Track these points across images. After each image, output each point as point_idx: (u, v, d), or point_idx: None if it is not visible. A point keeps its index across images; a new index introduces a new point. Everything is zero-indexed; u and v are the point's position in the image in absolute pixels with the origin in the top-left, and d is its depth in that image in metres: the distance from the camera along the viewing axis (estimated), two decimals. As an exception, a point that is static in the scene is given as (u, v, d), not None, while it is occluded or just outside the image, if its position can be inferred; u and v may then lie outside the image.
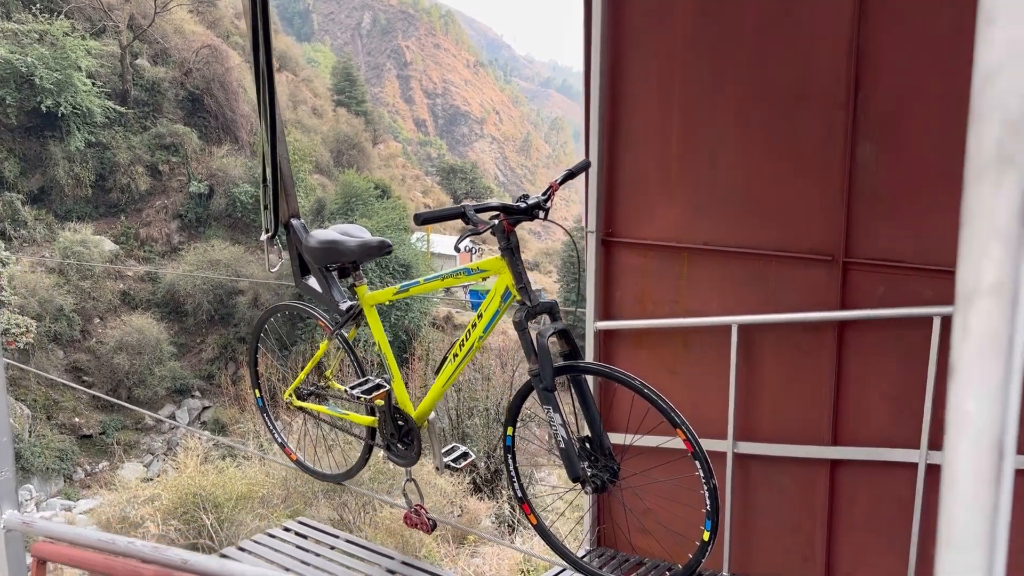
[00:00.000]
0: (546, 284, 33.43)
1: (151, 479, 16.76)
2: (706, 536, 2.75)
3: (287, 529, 4.05)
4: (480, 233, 2.57)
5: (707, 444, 4.34)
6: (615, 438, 4.53)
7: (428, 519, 3.51)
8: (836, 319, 3.84)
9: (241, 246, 31.43)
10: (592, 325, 4.46)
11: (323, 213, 31.13)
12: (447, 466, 3.39)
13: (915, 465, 3.70)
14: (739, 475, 4.23)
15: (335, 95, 41.49)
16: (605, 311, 4.51)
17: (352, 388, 3.23)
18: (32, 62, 30.21)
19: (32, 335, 26.39)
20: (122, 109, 32.67)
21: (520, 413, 3.06)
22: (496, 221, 2.64)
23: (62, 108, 30.53)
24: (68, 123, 31.13)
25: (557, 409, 2.77)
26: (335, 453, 3.86)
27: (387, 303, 3.30)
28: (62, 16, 31.79)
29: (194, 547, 12.94)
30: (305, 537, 3.95)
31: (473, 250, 36.14)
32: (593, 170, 4.30)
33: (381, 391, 3.22)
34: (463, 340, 3.05)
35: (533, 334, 2.78)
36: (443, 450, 3.41)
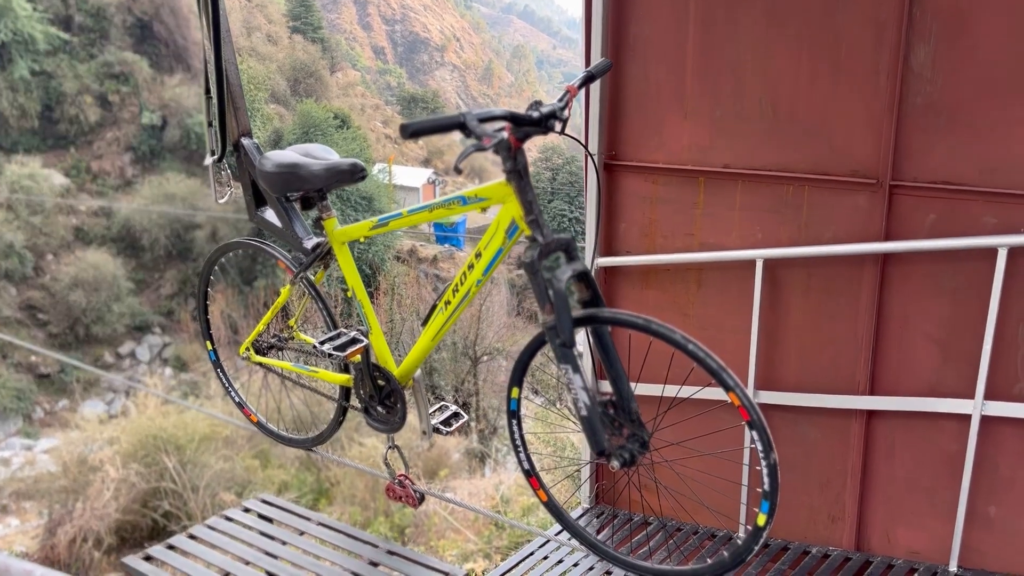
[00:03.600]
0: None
1: (109, 419, 16.18)
2: (761, 520, 2.27)
3: (247, 510, 3.52)
4: (486, 149, 2.00)
5: (724, 394, 3.89)
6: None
7: (414, 491, 3.01)
8: (879, 251, 3.34)
9: (197, 178, 30.40)
10: (592, 262, 3.93)
11: (280, 144, 30.02)
12: (435, 429, 2.88)
13: (967, 417, 3.26)
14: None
15: (290, 21, 39.70)
16: (607, 246, 3.98)
17: (322, 343, 2.67)
18: (-30, -13, 28.57)
19: (-18, 272, 25.51)
20: (66, 36, 31.13)
21: (528, 371, 2.54)
22: (501, 135, 2.07)
23: (2, 35, 29.00)
24: (9, 51, 29.62)
25: (577, 369, 2.24)
26: (303, 413, 3.32)
27: (361, 240, 2.73)
28: (-3, -63, 29.94)
29: (156, 491, 12.49)
30: (270, 520, 3.42)
31: (436, 182, 35.27)
32: (595, 86, 3.72)
33: (357, 347, 2.68)
34: (457, 285, 2.50)
35: (547, 277, 2.24)
36: (430, 411, 2.90)
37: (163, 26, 32.60)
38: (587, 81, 2.40)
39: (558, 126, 2.23)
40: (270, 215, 2.87)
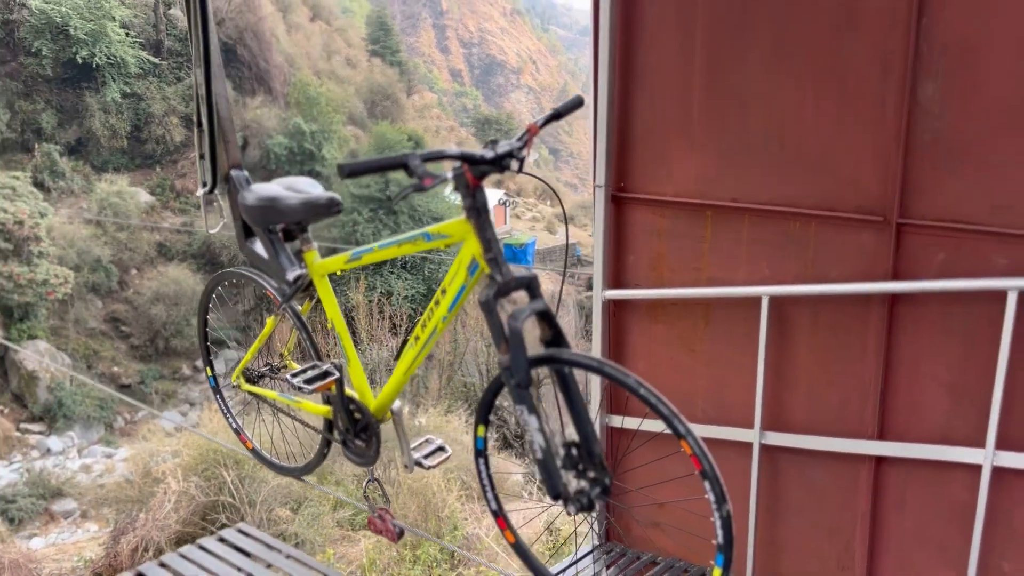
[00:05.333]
0: (583, 239, 32.66)
1: (172, 434, 16.60)
2: (717, 574, 2.20)
3: (222, 540, 3.55)
4: (425, 189, 2.00)
5: (731, 433, 3.78)
6: (624, 422, 3.99)
7: (394, 525, 3.00)
8: (887, 291, 3.22)
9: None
10: (600, 294, 3.88)
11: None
12: (417, 463, 2.87)
13: (978, 467, 3.09)
14: (767, 469, 3.67)
15: (369, 45, 40.64)
16: (615, 278, 3.92)
17: (294, 375, 2.70)
18: (67, 12, 30.13)
19: (70, 286, 26.58)
20: (156, 60, 32.50)
21: (492, 410, 2.52)
22: (449, 174, 2.06)
23: (97, 59, 30.47)
24: (103, 74, 31.08)
25: (533, 410, 2.21)
26: (294, 443, 3.35)
27: (338, 273, 2.75)
28: (95, -34, 31.52)
29: (214, 505, 12.75)
30: (247, 554, 3.43)
31: (508, 204, 35.41)
32: (602, 114, 3.69)
33: (327, 380, 2.69)
34: (425, 321, 2.50)
35: (504, 316, 2.22)
36: (413, 445, 2.89)
37: (246, 50, 33.69)
38: (552, 119, 2.38)
39: (515, 165, 2.21)
40: (258, 246, 2.92)
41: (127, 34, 31.40)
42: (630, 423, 3.93)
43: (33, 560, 15.32)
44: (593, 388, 4.04)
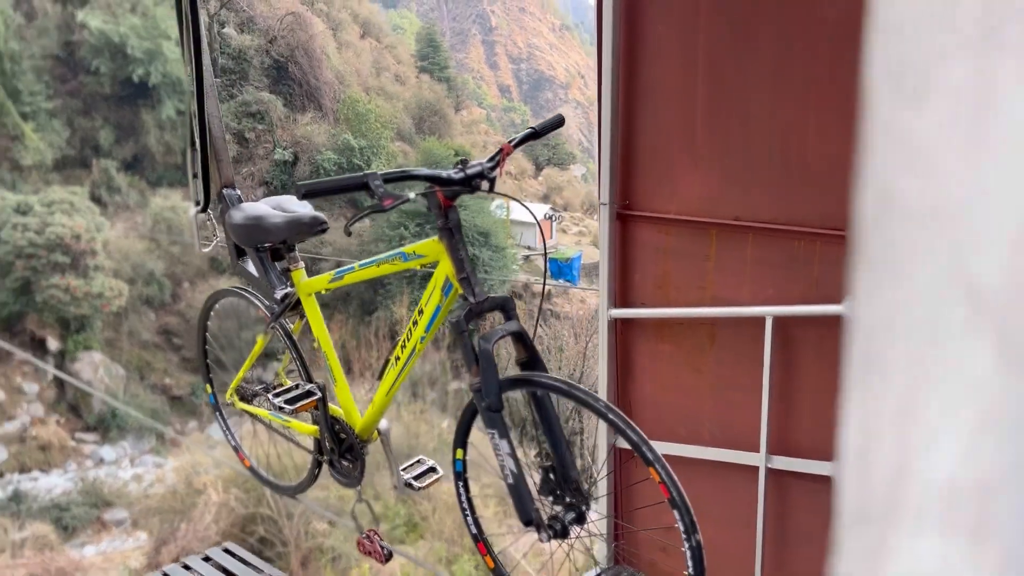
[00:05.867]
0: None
1: (213, 447, 16.89)
2: (688, 611, 2.13)
3: (207, 559, 3.57)
4: (385, 210, 1.98)
5: (737, 456, 3.69)
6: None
7: (381, 547, 2.98)
8: (893, 313, 3.11)
9: (324, 212, 31.47)
10: (605, 313, 3.83)
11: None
12: (407, 484, 2.84)
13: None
14: (774, 494, 3.56)
15: (418, 61, 41.07)
16: (621, 297, 3.86)
17: (276, 395, 2.71)
18: (125, 32, 31.02)
19: (125, 299, 27.20)
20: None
21: (471, 433, 2.48)
22: (412, 195, 2.05)
23: (153, 77, 31.25)
24: (159, 92, 31.85)
25: (504, 435, 2.17)
26: (289, 460, 3.36)
27: (323, 291, 2.75)
28: (153, -15, 32.46)
29: (253, 517, 12.92)
30: (226, 571, 3.43)
31: (554, 217, 35.35)
32: (606, 131, 3.64)
33: (307, 401, 2.69)
34: (404, 341, 2.48)
35: (477, 338, 2.19)
36: (402, 466, 2.87)
37: (297, 67, 34.29)
38: (528, 138, 2.36)
39: (485, 185, 2.19)
40: (249, 265, 2.94)
41: (182, 53, 32.25)
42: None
43: (80, 568, 15.69)
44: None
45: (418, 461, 2.94)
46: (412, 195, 2.04)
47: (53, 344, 28.36)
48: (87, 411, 26.78)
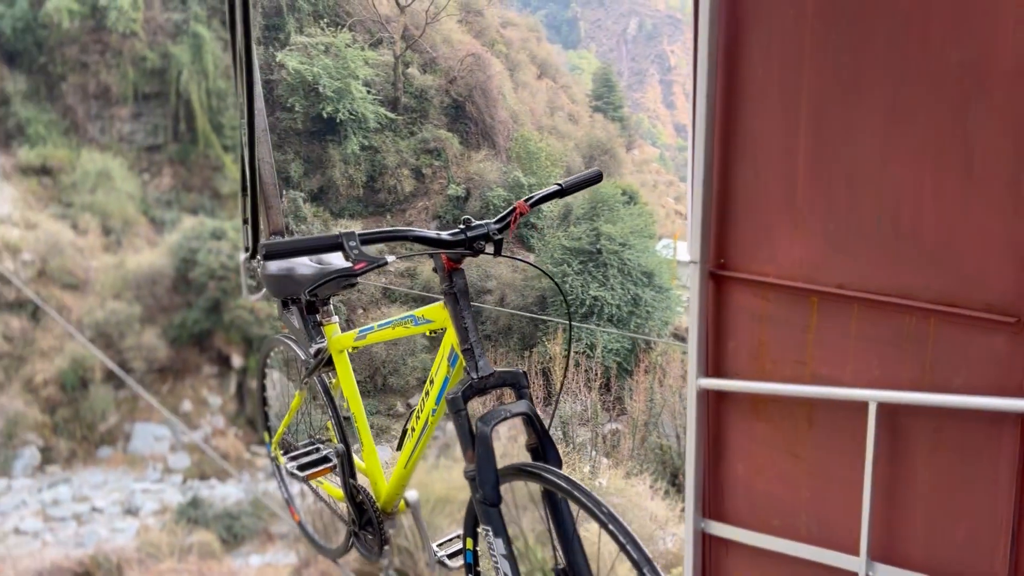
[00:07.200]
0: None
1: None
2: None
3: None
4: (356, 275, 1.80)
5: (834, 558, 3.22)
6: (721, 530, 3.54)
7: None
8: (1022, 410, 2.61)
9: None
10: (695, 382, 3.47)
11: (569, 218, 31.12)
12: (440, 562, 2.63)
13: None
14: (877, 607, 3.07)
15: (593, 101, 41.28)
16: (716, 366, 3.50)
17: (291, 458, 2.57)
18: (318, 72, 33.15)
19: (303, 322, 28.72)
20: (393, 115, 34.90)
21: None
22: (390, 258, 1.85)
23: (340, 114, 33.20)
24: (345, 128, 33.77)
25: (500, 532, 1.92)
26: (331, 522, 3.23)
27: (351, 349, 2.60)
28: (345, 29, 34.61)
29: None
30: None
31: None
32: (698, 181, 3.32)
33: (321, 468, 2.54)
34: (418, 412, 2.29)
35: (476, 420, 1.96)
36: (437, 542, 2.66)
37: (474, 106, 35.35)
38: (553, 196, 2.12)
39: (489, 248, 1.97)
40: (293, 315, 2.86)
41: (368, 92, 33.98)
42: (729, 532, 3.47)
43: (233, 576, 16.43)
44: (687, 487, 3.61)
45: (456, 537, 2.72)
46: (389, 259, 1.85)
47: (237, 361, 30.24)
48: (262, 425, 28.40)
